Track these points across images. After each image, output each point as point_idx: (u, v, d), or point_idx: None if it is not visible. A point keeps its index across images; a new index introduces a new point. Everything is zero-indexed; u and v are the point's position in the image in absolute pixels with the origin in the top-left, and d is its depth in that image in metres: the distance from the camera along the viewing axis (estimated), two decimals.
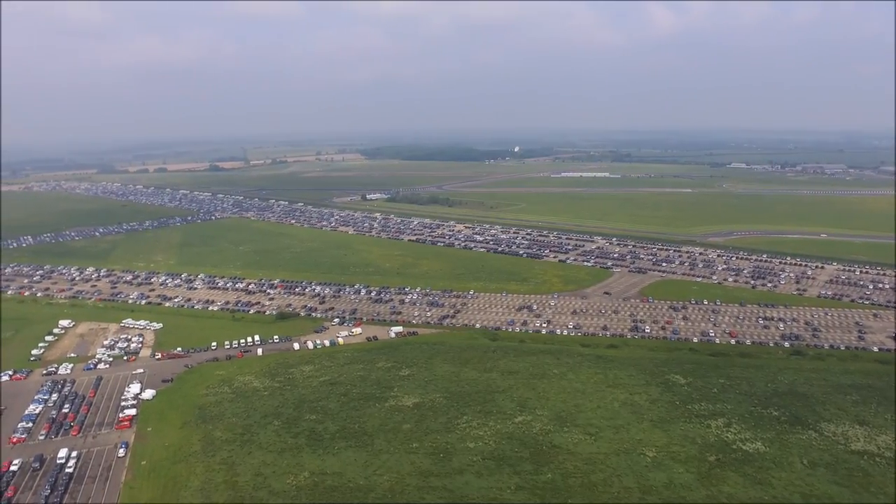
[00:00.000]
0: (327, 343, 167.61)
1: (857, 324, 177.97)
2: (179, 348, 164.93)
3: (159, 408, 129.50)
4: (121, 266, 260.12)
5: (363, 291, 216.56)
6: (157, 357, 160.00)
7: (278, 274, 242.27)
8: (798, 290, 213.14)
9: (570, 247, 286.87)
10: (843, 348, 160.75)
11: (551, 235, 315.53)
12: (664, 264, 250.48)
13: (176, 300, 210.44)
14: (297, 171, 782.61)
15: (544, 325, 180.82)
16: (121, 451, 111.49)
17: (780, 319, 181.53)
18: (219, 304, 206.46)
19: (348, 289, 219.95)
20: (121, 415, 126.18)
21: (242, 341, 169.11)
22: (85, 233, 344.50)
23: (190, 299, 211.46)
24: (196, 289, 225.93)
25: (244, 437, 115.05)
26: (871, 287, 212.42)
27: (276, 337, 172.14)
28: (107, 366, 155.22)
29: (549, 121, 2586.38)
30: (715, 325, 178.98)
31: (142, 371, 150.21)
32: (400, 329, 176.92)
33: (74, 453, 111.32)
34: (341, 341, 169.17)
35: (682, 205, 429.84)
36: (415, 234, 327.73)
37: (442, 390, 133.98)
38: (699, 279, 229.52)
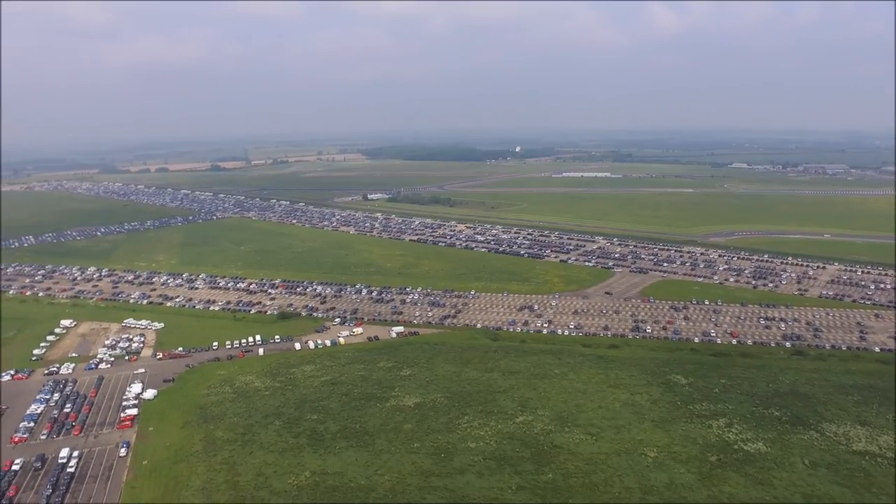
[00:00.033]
0: (328, 343, 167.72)
1: (859, 324, 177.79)
2: (181, 348, 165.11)
3: (161, 407, 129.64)
4: (122, 266, 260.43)
5: (364, 291, 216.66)
6: (158, 357, 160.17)
7: (279, 274, 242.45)
8: (799, 290, 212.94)
9: (571, 247, 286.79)
10: (844, 348, 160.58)
11: (552, 235, 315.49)
12: (665, 264, 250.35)
13: (177, 300, 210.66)
14: (298, 170, 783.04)
15: (545, 326, 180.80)
16: (122, 450, 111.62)
17: (782, 319, 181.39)
18: (220, 303, 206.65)
19: (349, 289, 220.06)
20: (122, 414, 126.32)
21: (244, 341, 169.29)
22: (86, 232, 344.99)
23: (191, 299, 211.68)
24: (197, 288, 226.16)
25: (245, 436, 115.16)
26: (872, 287, 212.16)
27: (277, 337, 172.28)
28: (108, 365, 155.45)
29: (550, 121, 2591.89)
30: (716, 325, 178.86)
31: (143, 371, 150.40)
32: (401, 329, 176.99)
33: (76, 453, 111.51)
34: (342, 341, 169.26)
35: (684, 205, 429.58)
36: (416, 234, 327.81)
37: (443, 390, 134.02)
38: (700, 279, 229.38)
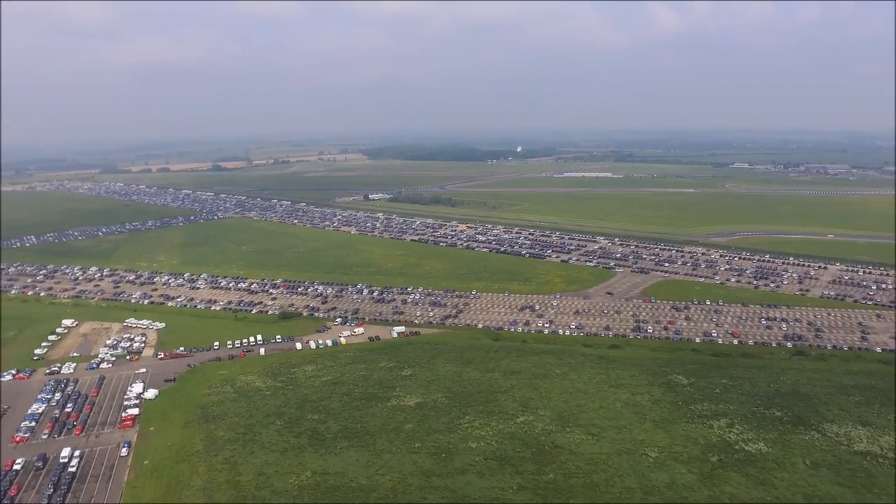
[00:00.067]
0: (329, 343, 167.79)
1: (860, 324, 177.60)
2: (182, 348, 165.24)
3: (162, 407, 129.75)
4: (124, 266, 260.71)
5: (365, 291, 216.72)
6: (159, 356, 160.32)
7: (281, 274, 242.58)
8: (801, 290, 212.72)
9: (572, 247, 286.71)
10: (845, 349, 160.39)
11: (554, 235, 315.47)
12: (667, 264, 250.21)
13: (178, 300, 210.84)
14: (299, 170, 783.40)
15: (546, 326, 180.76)
16: (123, 450, 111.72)
17: (783, 320, 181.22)
18: (221, 303, 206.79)
19: (350, 288, 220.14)
20: (123, 414, 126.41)
21: (245, 341, 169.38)
22: (88, 232, 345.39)
23: (192, 299, 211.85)
24: (199, 288, 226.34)
25: (246, 436, 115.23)
26: (874, 287, 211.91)
27: (278, 337, 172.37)
28: (109, 365, 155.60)
29: (551, 121, 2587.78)
30: (717, 325, 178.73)
31: (144, 370, 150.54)
32: (402, 329, 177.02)
33: (77, 452, 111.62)
34: (343, 341, 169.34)
35: (685, 205, 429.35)
36: (417, 234, 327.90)
37: (444, 390, 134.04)
38: (702, 279, 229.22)
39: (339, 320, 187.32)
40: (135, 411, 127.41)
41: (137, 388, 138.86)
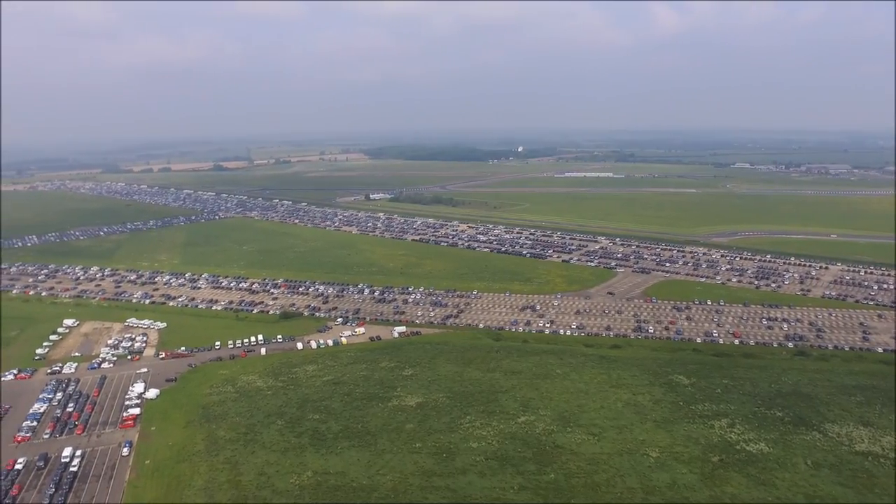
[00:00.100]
0: (330, 343, 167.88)
1: (862, 324, 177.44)
2: (183, 348, 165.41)
3: (163, 407, 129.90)
4: (125, 265, 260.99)
5: (366, 291, 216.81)
6: (160, 356, 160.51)
7: (282, 273, 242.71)
8: (802, 290, 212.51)
9: (573, 247, 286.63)
10: (847, 349, 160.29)
11: (555, 235, 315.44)
12: (668, 264, 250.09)
13: (180, 299, 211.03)
14: (300, 170, 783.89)
15: (548, 326, 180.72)
16: (125, 450, 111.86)
17: (784, 320, 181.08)
18: (222, 303, 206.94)
19: (352, 288, 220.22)
20: (125, 414, 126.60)
21: (246, 341, 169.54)
22: (89, 232, 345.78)
23: (194, 299, 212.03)
24: (200, 288, 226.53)
25: (248, 436, 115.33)
26: (875, 288, 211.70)
27: (279, 336, 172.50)
28: (111, 365, 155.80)
29: (551, 121, 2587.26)
30: (718, 325, 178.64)
31: (146, 370, 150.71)
32: (403, 329, 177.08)
33: (79, 452, 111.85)
34: (344, 341, 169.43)
35: (686, 205, 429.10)
36: (418, 234, 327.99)
37: (445, 390, 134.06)
38: (703, 279, 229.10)
39: (340, 320, 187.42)
40: (136, 411, 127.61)
41: (139, 387, 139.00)
